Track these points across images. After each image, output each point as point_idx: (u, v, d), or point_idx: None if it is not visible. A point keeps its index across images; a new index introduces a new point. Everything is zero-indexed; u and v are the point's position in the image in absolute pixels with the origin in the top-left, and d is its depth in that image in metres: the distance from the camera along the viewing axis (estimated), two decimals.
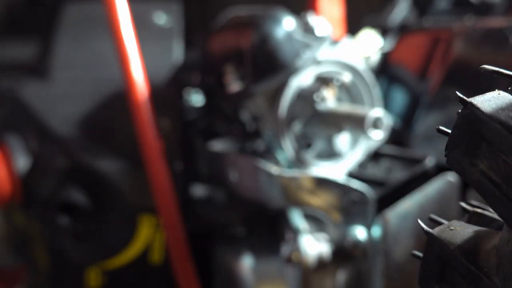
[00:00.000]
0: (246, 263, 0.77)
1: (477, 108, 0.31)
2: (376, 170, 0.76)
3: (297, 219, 0.73)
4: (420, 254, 0.37)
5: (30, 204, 0.86)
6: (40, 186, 0.82)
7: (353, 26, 0.94)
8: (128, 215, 0.83)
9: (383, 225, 0.65)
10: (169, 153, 0.82)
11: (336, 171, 0.76)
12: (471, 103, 0.32)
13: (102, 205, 0.83)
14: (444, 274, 0.36)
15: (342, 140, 0.77)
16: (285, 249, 0.71)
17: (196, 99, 1.11)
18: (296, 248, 0.69)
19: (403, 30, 0.92)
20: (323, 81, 0.74)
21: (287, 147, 0.73)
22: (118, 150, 0.84)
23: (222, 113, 0.81)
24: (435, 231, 0.37)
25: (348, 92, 0.77)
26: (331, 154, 0.77)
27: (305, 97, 0.74)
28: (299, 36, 0.74)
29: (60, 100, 0.90)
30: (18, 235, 1.00)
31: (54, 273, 0.89)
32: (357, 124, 0.69)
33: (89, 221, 0.84)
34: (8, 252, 1.11)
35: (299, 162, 0.74)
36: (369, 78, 0.76)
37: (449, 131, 0.34)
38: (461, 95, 0.32)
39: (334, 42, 0.76)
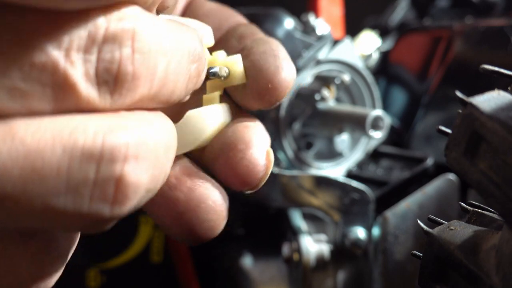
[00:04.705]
0: (246, 263, 0.77)
1: (477, 108, 0.31)
2: (376, 170, 0.76)
3: (297, 219, 0.73)
4: (420, 254, 0.37)
5: None
6: None
7: (353, 26, 0.94)
8: (128, 215, 0.83)
9: (383, 225, 0.65)
10: None
11: (336, 171, 0.76)
12: (470, 103, 0.32)
13: None
14: (444, 274, 0.36)
15: (342, 140, 0.77)
16: (285, 249, 0.71)
17: None
18: (296, 248, 0.69)
19: (403, 30, 0.92)
20: (323, 80, 0.74)
21: (287, 147, 0.73)
22: None
23: None
24: (435, 231, 0.37)
25: (348, 92, 0.78)
26: (331, 154, 0.77)
27: (305, 97, 0.74)
28: (299, 35, 0.74)
29: None
30: None
31: None
32: (357, 124, 0.69)
33: None
34: None
35: (299, 162, 0.74)
36: (369, 78, 0.76)
37: (449, 131, 0.34)
38: (460, 95, 0.32)
39: (334, 42, 0.76)
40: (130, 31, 0.25)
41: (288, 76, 0.37)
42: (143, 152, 0.26)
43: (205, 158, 0.37)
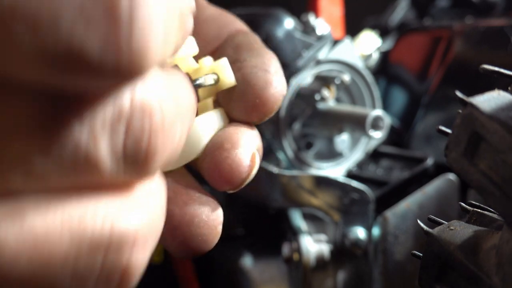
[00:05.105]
0: (246, 263, 0.77)
1: (477, 108, 0.31)
2: (376, 170, 0.76)
3: (297, 219, 0.73)
4: (420, 254, 0.37)
5: None
6: None
7: (353, 26, 0.94)
8: None
9: (383, 225, 0.65)
10: None
11: (336, 171, 0.76)
12: (470, 103, 0.32)
13: None
14: (444, 274, 0.36)
15: (342, 140, 0.77)
16: (285, 249, 0.71)
17: None
18: (296, 248, 0.69)
19: (403, 30, 0.92)
20: (323, 80, 0.74)
21: (287, 147, 0.73)
22: None
23: None
24: (435, 231, 0.37)
25: (348, 92, 0.78)
26: (331, 154, 0.77)
27: (305, 97, 0.74)
28: (299, 35, 0.74)
29: None
30: None
31: None
32: (358, 124, 0.70)
33: None
34: None
35: (299, 162, 0.74)
36: (369, 78, 0.76)
37: (449, 131, 0.34)
38: (460, 95, 0.32)
39: (334, 42, 0.76)
40: (157, 99, 0.23)
41: (277, 92, 0.36)
42: (150, 234, 0.25)
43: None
